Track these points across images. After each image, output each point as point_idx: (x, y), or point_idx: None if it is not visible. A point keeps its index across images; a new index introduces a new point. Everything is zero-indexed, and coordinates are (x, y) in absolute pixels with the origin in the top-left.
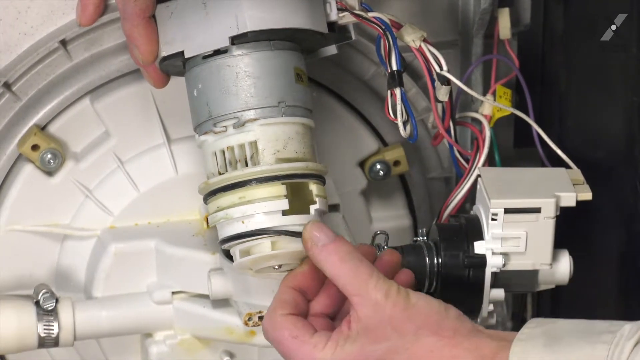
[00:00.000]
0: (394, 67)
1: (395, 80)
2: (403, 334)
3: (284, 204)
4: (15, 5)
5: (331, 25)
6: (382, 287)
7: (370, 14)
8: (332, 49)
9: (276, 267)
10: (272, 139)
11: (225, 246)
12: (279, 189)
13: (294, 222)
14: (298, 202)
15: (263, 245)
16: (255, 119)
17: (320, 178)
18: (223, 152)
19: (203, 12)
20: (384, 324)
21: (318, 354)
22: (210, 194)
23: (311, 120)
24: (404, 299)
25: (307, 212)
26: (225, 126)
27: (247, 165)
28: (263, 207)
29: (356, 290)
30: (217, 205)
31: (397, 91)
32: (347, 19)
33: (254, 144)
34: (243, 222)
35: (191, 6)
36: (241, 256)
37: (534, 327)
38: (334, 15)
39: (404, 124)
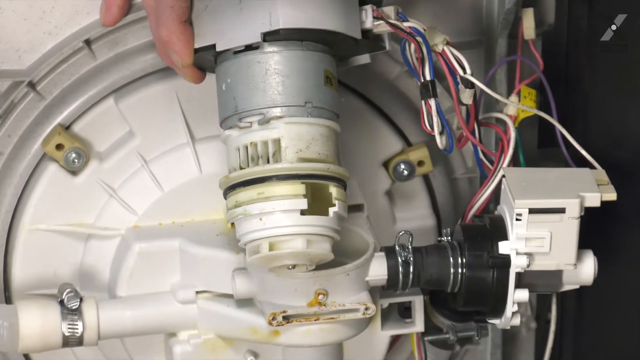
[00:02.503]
0: (428, 78)
1: (429, 90)
2: None
3: (303, 203)
4: (39, 5)
5: (365, 33)
6: None
7: (406, 24)
8: (365, 58)
9: (290, 267)
10: (296, 138)
11: (241, 243)
12: (299, 187)
13: (312, 222)
14: (317, 203)
15: (280, 244)
16: (280, 117)
17: (341, 182)
18: (246, 147)
19: (238, 7)
20: None
21: None
22: (229, 189)
23: (337, 124)
24: None
25: (326, 214)
26: (251, 122)
27: (268, 162)
28: (282, 205)
29: None
30: (235, 200)
31: (432, 102)
32: (381, 27)
33: (277, 142)
34: (261, 219)
35: (226, 1)
36: (253, 253)
37: None
38: (368, 23)
39: (440, 134)
